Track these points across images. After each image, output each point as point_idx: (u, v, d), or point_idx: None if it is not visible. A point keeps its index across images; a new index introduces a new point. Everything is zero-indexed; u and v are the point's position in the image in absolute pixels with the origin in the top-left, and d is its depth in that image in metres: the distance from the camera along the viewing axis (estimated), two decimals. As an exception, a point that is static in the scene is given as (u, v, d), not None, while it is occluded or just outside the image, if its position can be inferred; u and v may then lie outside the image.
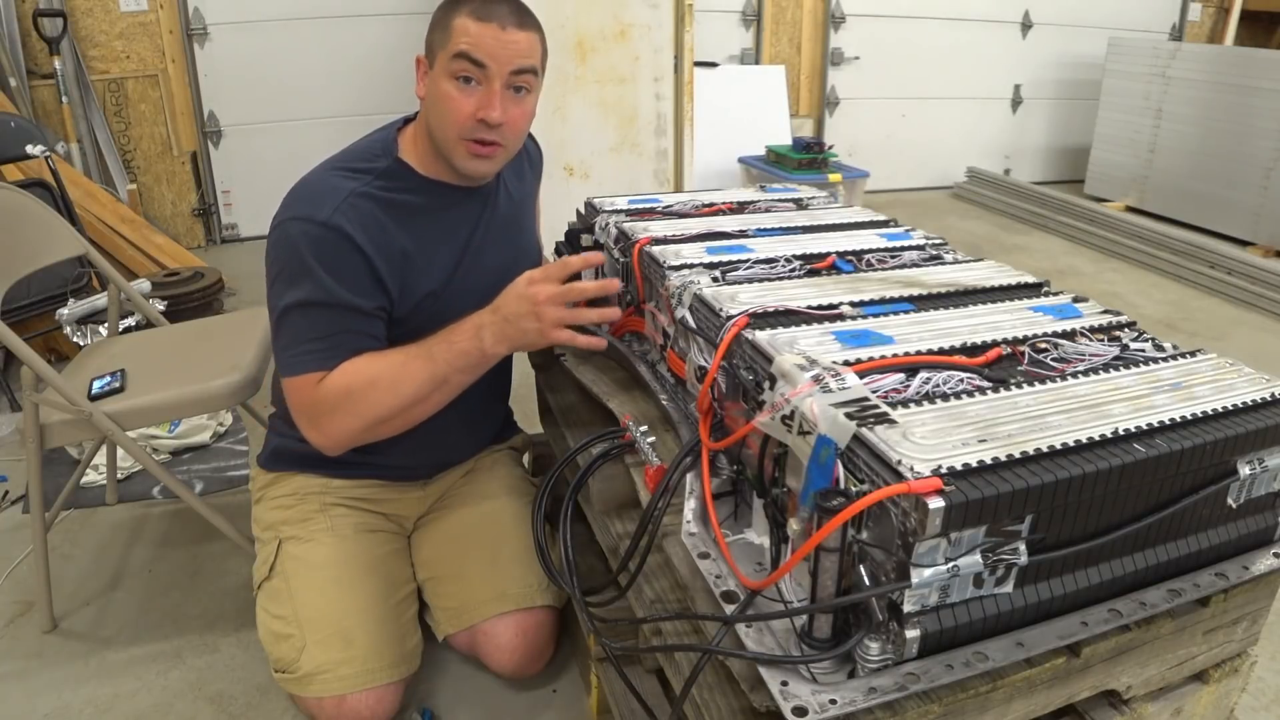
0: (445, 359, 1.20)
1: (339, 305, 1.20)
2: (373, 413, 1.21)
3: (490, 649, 1.44)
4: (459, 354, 1.20)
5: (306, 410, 1.23)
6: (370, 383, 1.20)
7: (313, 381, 1.21)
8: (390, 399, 1.20)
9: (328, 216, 1.19)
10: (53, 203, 2.63)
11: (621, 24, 3.23)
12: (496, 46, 1.20)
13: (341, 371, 1.20)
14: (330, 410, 1.21)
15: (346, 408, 1.20)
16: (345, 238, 1.20)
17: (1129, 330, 1.03)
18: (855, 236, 1.37)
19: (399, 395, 1.20)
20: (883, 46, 4.96)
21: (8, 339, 1.55)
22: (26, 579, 1.74)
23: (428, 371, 1.20)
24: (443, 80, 1.22)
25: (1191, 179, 4.49)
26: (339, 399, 1.20)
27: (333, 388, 1.20)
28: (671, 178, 3.48)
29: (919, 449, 0.74)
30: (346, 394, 1.20)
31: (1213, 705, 0.97)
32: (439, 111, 1.24)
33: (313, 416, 1.23)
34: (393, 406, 1.20)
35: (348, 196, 1.22)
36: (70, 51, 3.55)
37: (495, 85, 1.21)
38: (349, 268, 1.21)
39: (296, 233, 1.19)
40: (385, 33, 4.02)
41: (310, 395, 1.21)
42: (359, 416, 1.21)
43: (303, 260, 1.19)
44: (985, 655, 0.77)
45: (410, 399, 1.21)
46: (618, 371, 1.37)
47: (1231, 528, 0.89)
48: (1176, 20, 5.66)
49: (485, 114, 1.21)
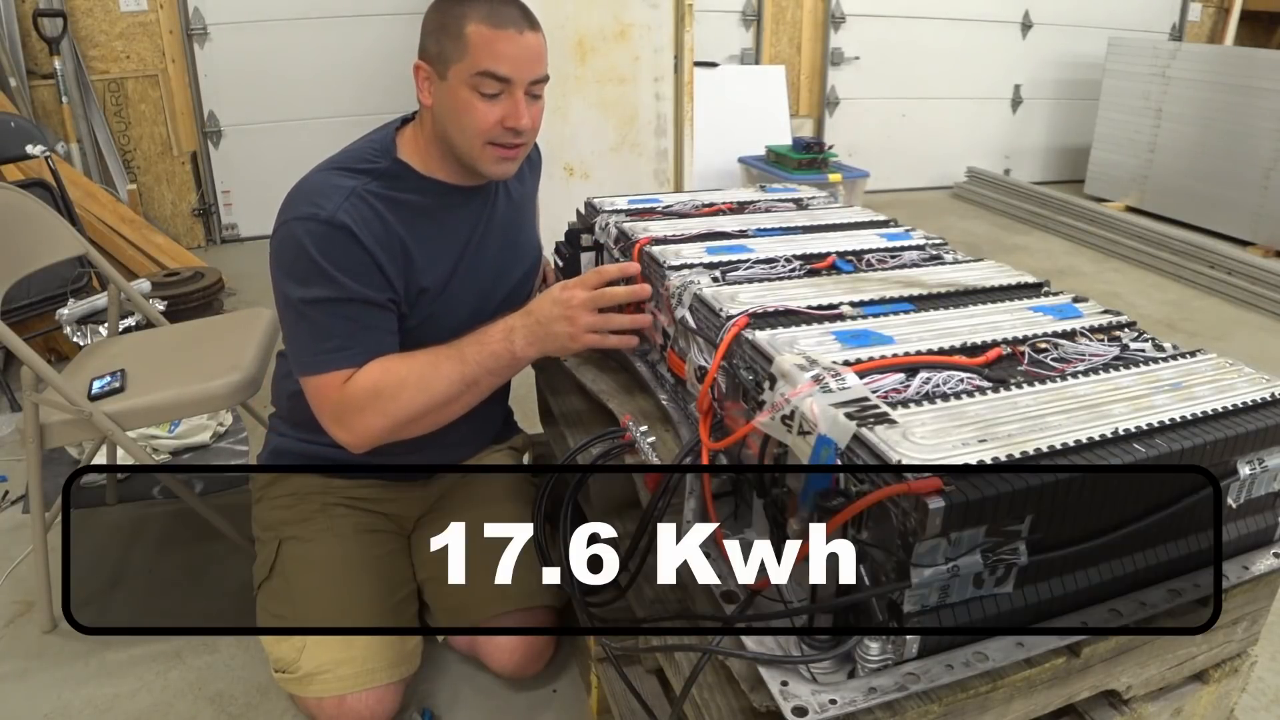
0: (476, 360, 1.21)
1: (355, 300, 1.20)
2: (403, 413, 1.21)
3: (490, 649, 1.44)
4: (490, 355, 1.21)
5: (332, 409, 1.22)
6: (400, 383, 1.20)
7: (339, 380, 1.20)
8: (421, 399, 1.20)
9: (331, 214, 1.19)
10: (53, 203, 2.63)
11: (621, 24, 3.23)
12: (517, 53, 1.20)
13: (369, 371, 1.20)
14: (358, 409, 1.20)
15: (375, 407, 1.20)
16: (350, 234, 1.20)
17: (1129, 330, 1.03)
18: (855, 236, 1.37)
19: (430, 395, 1.20)
20: (883, 46, 4.96)
21: (8, 339, 1.55)
22: (27, 579, 1.74)
23: (459, 372, 1.21)
24: (463, 90, 1.22)
25: (1191, 179, 4.49)
26: (367, 398, 1.20)
27: (361, 387, 1.20)
28: (671, 178, 3.48)
29: (919, 449, 0.74)
30: (375, 393, 1.20)
31: (1213, 705, 0.97)
32: (461, 121, 1.23)
33: (339, 415, 1.22)
34: (423, 406, 1.21)
35: (349, 195, 1.22)
36: (70, 51, 3.55)
37: (519, 94, 1.23)
38: (357, 263, 1.21)
39: (301, 232, 1.19)
40: (385, 33, 4.02)
41: (337, 394, 1.21)
42: (388, 416, 1.21)
43: (311, 259, 1.18)
44: (985, 655, 0.77)
45: (440, 399, 1.21)
46: (618, 371, 1.37)
47: (1231, 527, 0.89)
48: (1176, 20, 5.66)
49: (515, 123, 1.23)
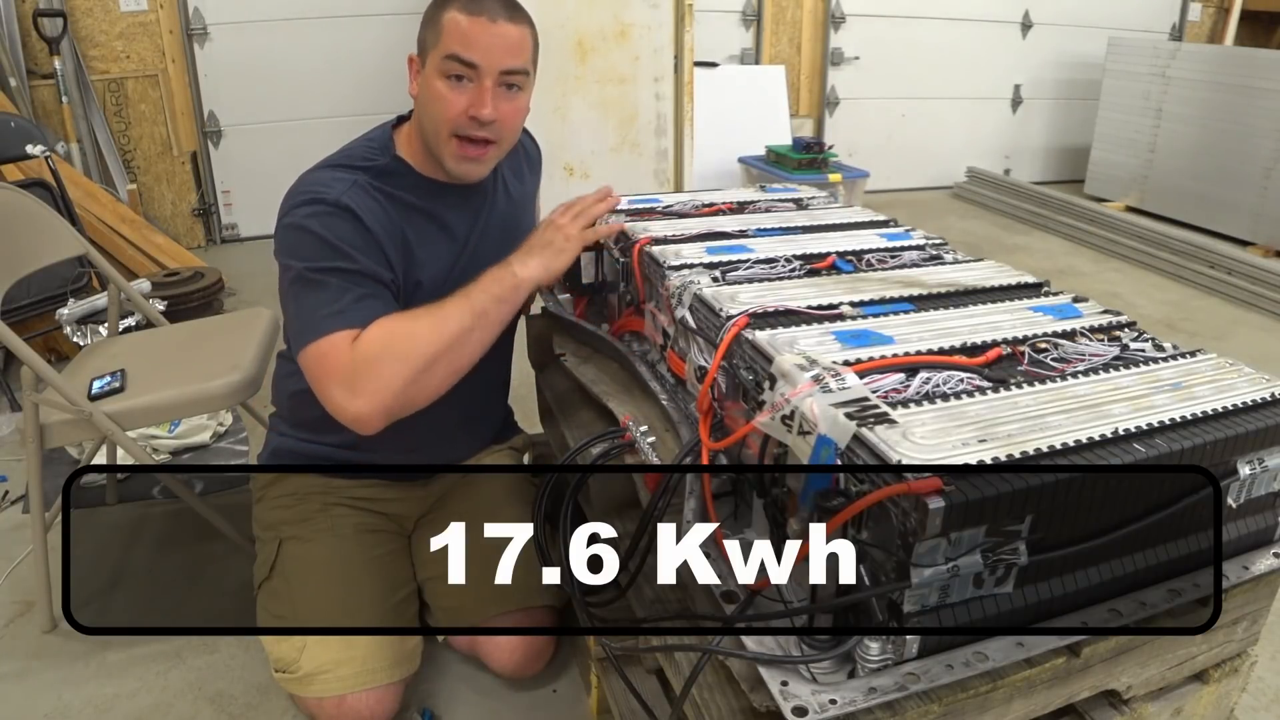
0: (481, 289, 1.22)
1: (360, 272, 1.19)
2: (419, 356, 1.14)
3: (490, 649, 1.44)
4: (493, 280, 1.23)
5: (344, 373, 1.13)
6: (411, 326, 1.16)
7: (346, 340, 1.14)
8: (434, 337, 1.15)
9: (336, 197, 1.20)
10: (53, 203, 2.63)
11: (621, 24, 3.23)
12: (487, 40, 1.20)
13: (377, 326, 1.16)
14: (373, 361, 1.13)
15: (391, 353, 1.13)
16: (354, 215, 1.21)
17: (1129, 330, 1.03)
18: (855, 236, 1.37)
19: (442, 332, 1.16)
20: (883, 46, 4.95)
21: (8, 339, 1.55)
22: (27, 579, 1.73)
23: (466, 305, 1.19)
24: (434, 78, 1.22)
25: (1191, 179, 4.49)
26: (380, 350, 1.14)
27: (371, 340, 1.14)
28: (671, 178, 3.48)
29: (919, 449, 0.74)
30: (389, 341, 1.14)
31: (1213, 705, 0.97)
32: (430, 109, 1.24)
33: (350, 379, 1.14)
34: (437, 345, 1.15)
35: (351, 185, 1.24)
36: (70, 51, 3.55)
37: (486, 82, 1.22)
38: (362, 240, 1.21)
39: (305, 215, 1.19)
40: (385, 33, 4.02)
41: (346, 355, 1.13)
42: (405, 362, 1.13)
43: (317, 236, 1.18)
44: (985, 655, 0.77)
45: (454, 335, 1.17)
46: (618, 372, 1.37)
47: (1231, 527, 0.89)
48: (1176, 20, 5.66)
49: (476, 111, 1.22)
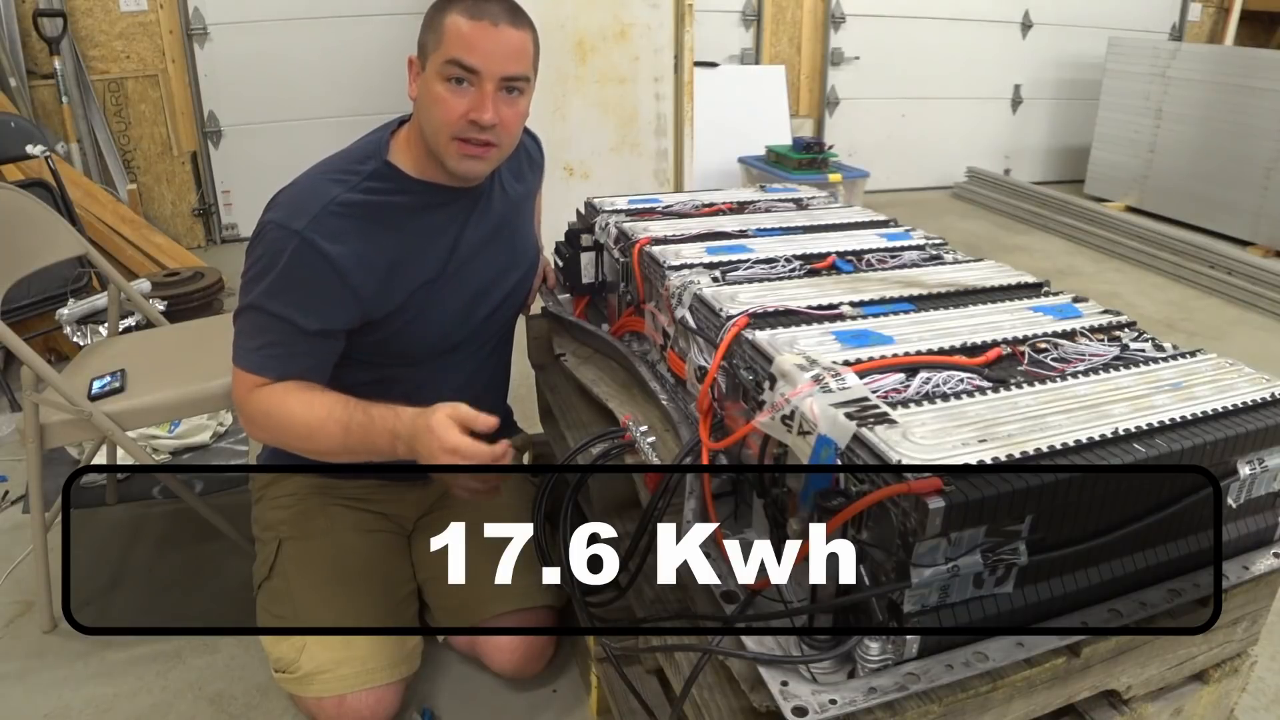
0: (360, 439, 1.20)
1: (288, 324, 1.23)
2: (281, 442, 1.30)
3: (490, 649, 1.44)
4: (379, 432, 1.19)
5: (239, 401, 1.28)
6: (288, 419, 1.23)
7: (251, 382, 1.25)
8: (298, 443, 1.26)
9: (302, 226, 1.21)
10: (53, 203, 2.63)
11: (621, 24, 3.23)
12: (488, 45, 1.20)
13: (272, 392, 1.24)
14: (253, 415, 1.26)
15: (263, 424, 1.26)
16: (317, 253, 1.21)
17: (1129, 330, 1.03)
18: (855, 236, 1.37)
19: (307, 444, 1.25)
20: (883, 46, 4.95)
21: (8, 339, 1.55)
22: (27, 579, 1.73)
23: (341, 442, 1.21)
24: (434, 82, 1.22)
25: (1191, 179, 4.48)
26: (260, 416, 1.25)
27: (260, 402, 1.24)
28: (671, 178, 3.48)
29: (919, 449, 0.74)
30: (266, 415, 1.24)
31: (1213, 705, 0.97)
32: (431, 113, 1.24)
33: (239, 407, 1.29)
34: (299, 448, 1.26)
35: (328, 204, 1.23)
36: (70, 51, 3.55)
37: (487, 87, 1.22)
38: (313, 285, 1.23)
39: (272, 238, 1.22)
40: (385, 33, 4.02)
41: (244, 393, 1.25)
42: (270, 433, 1.29)
43: (272, 266, 1.21)
44: (985, 655, 0.77)
45: (316, 452, 1.25)
46: (618, 372, 1.37)
47: (1231, 527, 0.89)
48: (1176, 20, 5.66)
49: (477, 116, 1.22)
